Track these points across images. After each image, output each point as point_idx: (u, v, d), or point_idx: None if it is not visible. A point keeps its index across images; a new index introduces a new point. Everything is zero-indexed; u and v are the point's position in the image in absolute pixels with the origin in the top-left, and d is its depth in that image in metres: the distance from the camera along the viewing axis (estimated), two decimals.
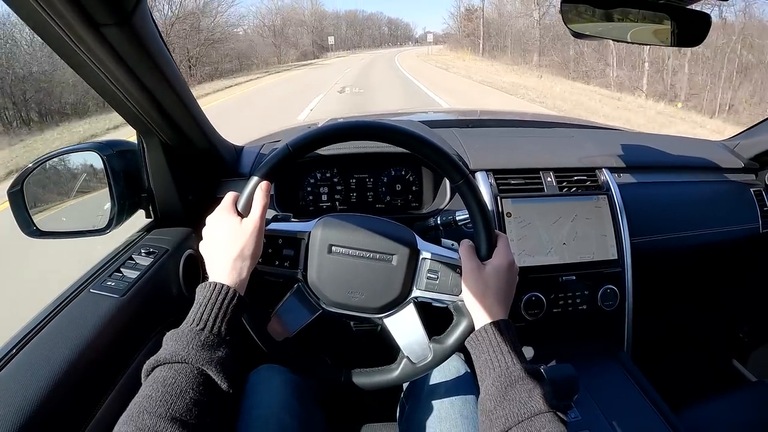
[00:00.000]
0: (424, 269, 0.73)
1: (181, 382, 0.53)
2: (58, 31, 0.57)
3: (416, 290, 0.73)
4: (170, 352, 0.55)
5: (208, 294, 0.60)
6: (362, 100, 11.51)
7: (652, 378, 1.02)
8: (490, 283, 0.67)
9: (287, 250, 0.74)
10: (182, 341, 0.56)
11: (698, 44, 0.93)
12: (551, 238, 1.07)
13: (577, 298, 1.08)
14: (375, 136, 0.70)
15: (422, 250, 0.73)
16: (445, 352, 0.73)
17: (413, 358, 0.74)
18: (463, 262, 0.69)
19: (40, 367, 0.65)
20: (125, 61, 0.65)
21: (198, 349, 0.55)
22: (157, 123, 0.84)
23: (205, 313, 0.59)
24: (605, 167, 1.17)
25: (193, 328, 0.57)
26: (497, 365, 0.61)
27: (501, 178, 1.10)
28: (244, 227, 0.65)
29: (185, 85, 0.82)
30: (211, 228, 0.68)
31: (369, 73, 21.24)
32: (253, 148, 1.21)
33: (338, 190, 1.14)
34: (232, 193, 0.70)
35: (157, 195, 0.98)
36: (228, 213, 0.67)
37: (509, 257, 0.69)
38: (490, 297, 0.66)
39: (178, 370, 0.54)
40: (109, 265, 0.88)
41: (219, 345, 0.57)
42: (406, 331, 0.74)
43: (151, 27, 0.66)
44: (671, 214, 1.24)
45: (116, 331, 0.76)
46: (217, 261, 0.65)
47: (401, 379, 0.75)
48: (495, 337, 0.63)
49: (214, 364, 0.55)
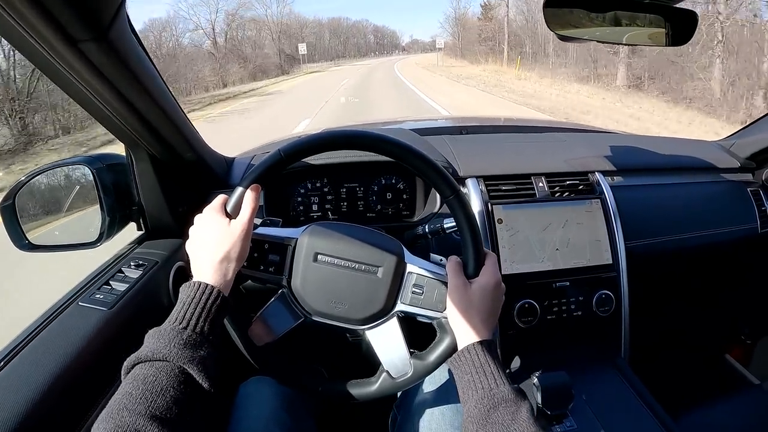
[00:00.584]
0: (410, 283, 0.72)
1: (162, 379, 0.53)
2: (37, 48, 0.58)
3: (400, 304, 0.72)
4: (151, 350, 0.55)
5: (192, 293, 0.60)
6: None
7: (650, 383, 1.00)
8: (475, 301, 0.67)
9: (273, 256, 0.74)
10: (164, 339, 0.56)
11: (685, 42, 0.92)
12: (544, 244, 1.06)
13: (571, 304, 1.06)
14: (366, 146, 0.70)
15: (409, 264, 0.73)
16: (426, 368, 0.72)
17: (393, 373, 0.74)
18: (450, 279, 0.69)
19: (26, 381, 0.65)
20: (105, 75, 0.66)
21: (180, 348, 0.55)
22: (142, 136, 0.84)
23: (188, 312, 0.59)
24: (598, 170, 1.16)
25: (175, 327, 0.57)
26: (480, 387, 0.61)
27: (492, 185, 1.09)
28: (231, 229, 0.65)
29: (170, 97, 0.82)
30: (198, 228, 0.68)
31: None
32: (244, 159, 1.21)
33: (329, 199, 1.14)
34: (223, 195, 0.70)
35: (147, 207, 0.99)
36: (216, 213, 0.67)
37: (496, 276, 0.69)
38: (475, 316, 0.66)
39: (159, 368, 0.54)
40: (99, 278, 0.88)
41: (201, 344, 0.57)
42: (387, 345, 0.74)
43: (131, 40, 0.66)
44: (666, 217, 1.22)
45: (104, 343, 0.76)
46: (203, 261, 0.65)
47: (379, 392, 0.74)
48: (478, 358, 0.62)
49: (195, 363, 0.55)
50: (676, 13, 0.91)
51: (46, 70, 0.65)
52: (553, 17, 0.87)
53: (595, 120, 9.13)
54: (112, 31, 0.60)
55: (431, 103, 11.46)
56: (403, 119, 2.40)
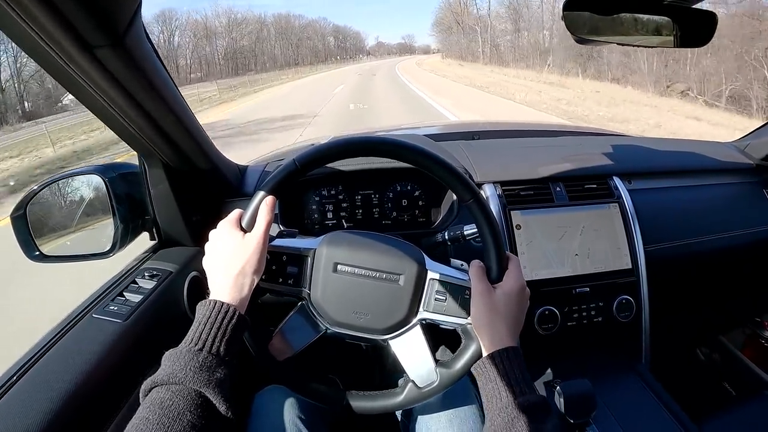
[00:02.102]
0: (432, 290, 0.71)
1: (178, 404, 0.52)
2: (51, 54, 0.57)
3: (423, 311, 0.71)
4: (167, 373, 0.54)
5: (208, 312, 0.59)
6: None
7: (671, 389, 0.98)
8: (499, 308, 0.65)
9: (291, 268, 0.72)
10: (180, 362, 0.55)
11: (705, 44, 0.91)
12: (563, 250, 1.04)
13: (591, 311, 1.05)
14: (383, 152, 0.69)
15: (430, 270, 0.71)
16: (452, 377, 0.70)
17: (419, 382, 0.72)
18: (473, 284, 0.67)
19: (41, 394, 0.64)
20: (120, 82, 0.65)
21: (195, 371, 0.54)
22: (157, 144, 0.83)
23: (204, 332, 0.58)
24: (615, 174, 1.14)
25: (191, 348, 0.56)
26: (504, 395, 0.59)
27: (509, 190, 1.08)
28: (246, 242, 0.64)
29: (185, 105, 0.81)
30: (213, 243, 0.67)
31: None
32: (257, 167, 1.20)
33: (344, 207, 1.13)
34: (238, 210, 0.69)
35: (160, 217, 0.97)
36: (231, 228, 0.66)
37: (521, 281, 0.68)
38: (499, 323, 0.65)
39: (176, 392, 0.53)
40: (112, 290, 0.87)
41: (217, 366, 0.56)
42: (412, 354, 0.72)
43: (147, 47, 0.65)
44: (685, 220, 1.21)
45: (119, 356, 0.75)
46: (219, 277, 0.64)
47: (406, 403, 0.72)
48: (503, 366, 0.61)
49: (212, 386, 0.54)
50: (694, 15, 0.90)
51: (59, 77, 0.63)
52: (572, 21, 0.86)
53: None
54: (128, 36, 0.59)
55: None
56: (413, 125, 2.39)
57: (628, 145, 1.38)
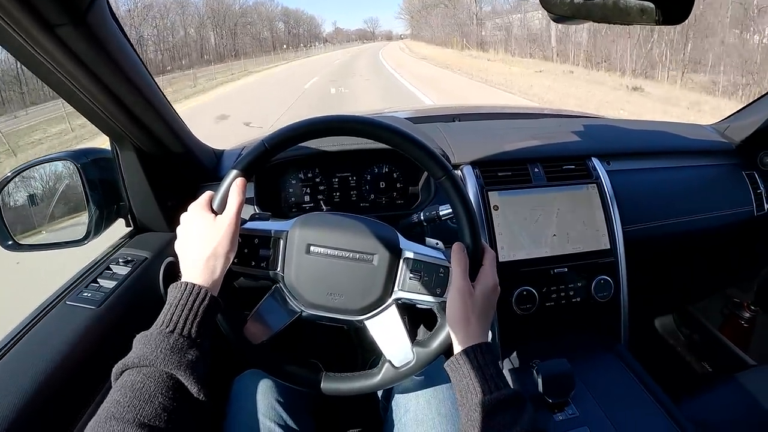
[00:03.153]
0: (407, 269, 0.71)
1: (149, 386, 0.52)
2: (12, 35, 0.55)
3: (398, 291, 0.71)
4: (138, 356, 0.54)
5: (179, 294, 0.59)
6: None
7: (650, 368, 1.00)
8: (476, 306, 0.66)
9: (264, 250, 0.72)
10: (151, 344, 0.54)
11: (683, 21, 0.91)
12: (541, 230, 1.04)
13: (570, 291, 1.06)
14: (352, 131, 0.68)
15: (405, 249, 0.71)
16: (429, 355, 0.71)
17: (395, 362, 0.72)
18: (454, 279, 0.67)
19: (14, 382, 0.63)
20: (86, 63, 0.63)
21: (167, 353, 0.54)
22: (127, 128, 0.82)
23: (175, 314, 0.57)
24: (593, 155, 1.15)
25: (162, 330, 0.56)
26: (479, 391, 0.59)
27: (487, 171, 1.08)
28: (217, 225, 0.64)
29: (155, 86, 0.80)
30: (184, 226, 0.66)
31: None
32: (234, 151, 1.18)
33: (321, 190, 1.12)
34: (209, 192, 0.68)
35: (134, 203, 0.96)
36: (202, 210, 0.66)
37: (494, 279, 0.68)
38: (473, 320, 0.65)
39: (147, 374, 0.53)
40: (86, 276, 0.86)
41: (189, 348, 0.55)
42: (388, 334, 0.72)
43: (111, 25, 0.64)
44: (663, 201, 1.21)
45: (93, 343, 0.75)
46: (190, 260, 0.63)
47: (383, 384, 0.72)
48: (476, 362, 0.62)
49: (183, 368, 0.53)
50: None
51: (25, 60, 0.62)
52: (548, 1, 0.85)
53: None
54: (91, 14, 0.58)
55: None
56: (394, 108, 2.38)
57: (607, 125, 1.39)
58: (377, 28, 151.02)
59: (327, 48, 73.69)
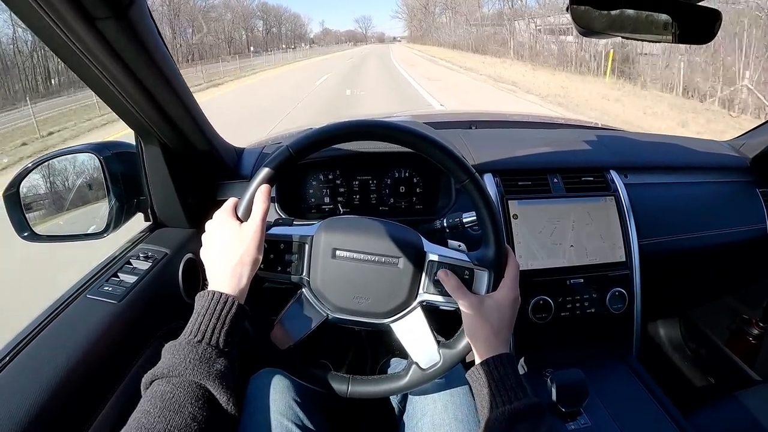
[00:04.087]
0: (431, 272, 0.71)
1: (179, 396, 0.52)
2: (50, 24, 0.55)
3: (423, 293, 0.71)
4: (168, 366, 0.54)
5: (206, 303, 0.59)
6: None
7: (661, 381, 1.00)
8: (491, 318, 0.67)
9: (290, 256, 0.72)
10: (180, 354, 0.55)
11: (708, 41, 0.91)
12: (558, 241, 1.05)
13: (585, 302, 1.06)
14: (377, 135, 0.69)
15: (429, 252, 0.72)
16: (455, 357, 0.71)
17: (422, 364, 0.72)
18: (459, 303, 0.69)
19: (34, 375, 0.63)
20: (121, 56, 0.63)
21: (195, 363, 0.54)
22: (155, 123, 0.82)
23: (203, 323, 0.58)
24: (612, 168, 1.15)
25: (190, 340, 0.56)
26: (500, 401, 0.61)
27: (507, 180, 1.08)
28: (243, 232, 0.64)
29: (184, 84, 0.80)
30: (210, 234, 0.67)
31: None
32: (254, 149, 1.18)
33: (341, 192, 1.12)
34: (233, 199, 0.69)
35: (155, 198, 0.96)
36: (227, 217, 0.66)
37: (515, 292, 0.69)
38: (491, 332, 0.66)
39: (176, 384, 0.53)
40: (107, 270, 0.86)
41: (217, 357, 0.56)
42: (414, 336, 0.72)
43: (149, 22, 0.64)
44: (679, 215, 1.22)
45: (114, 337, 0.75)
46: (217, 268, 0.64)
47: (411, 385, 0.73)
48: (497, 372, 0.63)
49: (212, 378, 0.54)
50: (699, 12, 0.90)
51: (58, 50, 0.62)
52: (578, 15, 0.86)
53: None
54: (132, 10, 0.58)
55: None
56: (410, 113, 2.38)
57: (625, 138, 1.39)
58: (370, 28, 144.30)
59: (311, 53, 58.16)
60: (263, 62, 37.64)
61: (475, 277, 0.71)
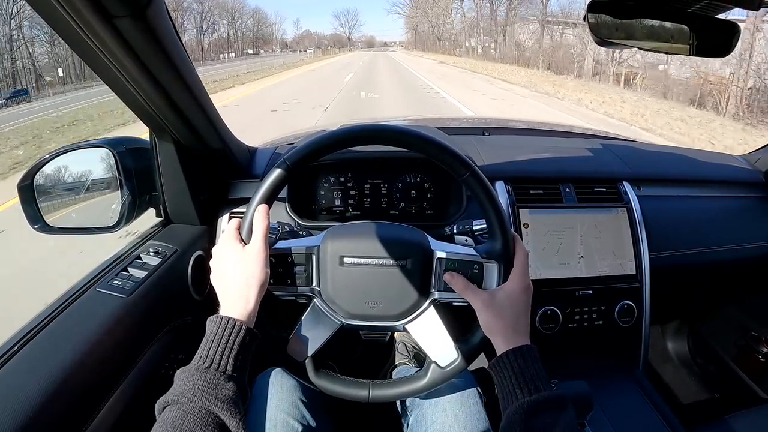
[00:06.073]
0: (440, 269, 0.71)
1: (189, 423, 0.53)
2: (69, 21, 0.56)
3: (434, 292, 0.72)
4: (178, 393, 0.55)
5: (215, 329, 0.61)
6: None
7: (667, 395, 0.99)
8: (505, 311, 0.67)
9: (298, 267, 0.72)
10: (189, 381, 0.56)
11: (726, 54, 0.90)
12: (568, 251, 1.04)
13: (593, 313, 1.05)
14: (372, 139, 0.69)
15: (436, 250, 0.72)
16: (472, 351, 0.71)
17: (441, 363, 0.72)
18: (470, 302, 0.69)
19: (42, 365, 0.64)
20: (138, 55, 0.64)
21: (204, 389, 0.55)
22: (170, 120, 0.82)
23: (211, 349, 0.59)
24: (625, 179, 1.14)
25: (199, 366, 0.57)
26: (520, 393, 0.61)
27: (519, 188, 1.07)
28: (247, 254, 0.65)
29: (200, 82, 0.81)
30: (217, 259, 0.68)
31: None
32: (267, 149, 1.19)
33: (352, 194, 1.12)
34: (236, 220, 0.70)
35: (167, 194, 0.97)
36: (231, 241, 0.67)
37: (525, 281, 0.69)
38: (508, 325, 0.66)
39: (186, 411, 0.54)
40: (117, 264, 0.87)
41: (225, 382, 0.57)
42: (430, 335, 0.73)
43: (166, 21, 0.64)
44: (691, 229, 1.20)
45: (122, 331, 0.75)
46: (226, 292, 0.65)
47: (431, 385, 0.73)
48: (518, 364, 0.63)
49: (220, 404, 0.55)
50: (716, 25, 0.89)
51: (76, 47, 0.62)
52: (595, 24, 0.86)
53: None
54: (150, 8, 0.58)
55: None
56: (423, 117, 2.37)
57: (639, 149, 1.37)
58: (357, 26, 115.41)
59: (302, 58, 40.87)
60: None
61: (484, 271, 0.71)
